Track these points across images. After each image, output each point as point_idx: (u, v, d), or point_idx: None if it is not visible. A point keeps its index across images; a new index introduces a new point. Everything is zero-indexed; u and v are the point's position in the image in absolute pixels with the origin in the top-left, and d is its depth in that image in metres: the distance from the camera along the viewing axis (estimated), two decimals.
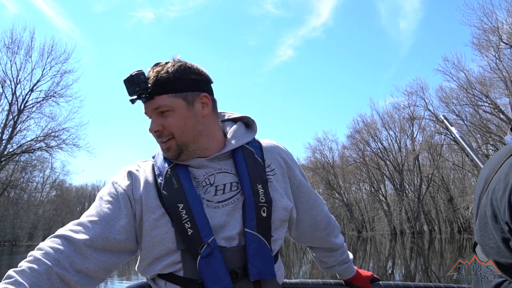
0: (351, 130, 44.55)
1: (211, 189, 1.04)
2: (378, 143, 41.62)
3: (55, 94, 27.54)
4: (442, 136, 34.55)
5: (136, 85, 1.00)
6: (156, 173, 1.06)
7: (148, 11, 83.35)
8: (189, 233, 0.96)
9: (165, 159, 1.08)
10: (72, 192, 66.12)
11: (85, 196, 66.82)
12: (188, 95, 1.04)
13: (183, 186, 1.01)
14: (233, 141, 1.10)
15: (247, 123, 1.19)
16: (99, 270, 0.95)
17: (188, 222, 0.96)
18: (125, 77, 1.01)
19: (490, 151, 28.21)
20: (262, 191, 1.04)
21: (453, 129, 1.64)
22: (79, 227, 0.96)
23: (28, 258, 0.89)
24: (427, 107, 35.77)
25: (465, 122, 32.57)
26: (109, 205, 1.00)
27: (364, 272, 1.40)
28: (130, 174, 1.07)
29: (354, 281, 1.38)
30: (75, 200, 64.76)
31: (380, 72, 73.63)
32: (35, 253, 0.90)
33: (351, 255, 1.39)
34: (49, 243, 0.92)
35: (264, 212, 1.02)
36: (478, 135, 30.14)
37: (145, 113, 1.06)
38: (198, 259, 0.95)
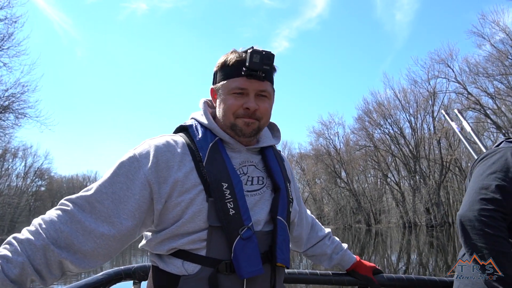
0: (360, 111, 39.52)
1: (244, 178, 1.11)
2: (393, 125, 36.32)
3: None
4: (470, 113, 29.08)
5: (268, 64, 1.08)
6: (198, 146, 1.08)
7: (141, 2, 79.40)
8: (231, 213, 1.00)
9: (206, 132, 1.11)
10: (61, 182, 63.25)
11: (76, 187, 63.04)
12: (273, 89, 1.18)
13: (227, 166, 1.06)
14: (267, 140, 1.21)
15: (272, 128, 1.29)
16: (99, 253, 0.96)
17: (231, 203, 1.01)
18: (261, 49, 1.07)
19: None
20: (289, 189, 1.18)
21: (453, 124, 1.77)
22: (86, 204, 0.97)
23: (30, 227, 0.94)
24: (456, 78, 30.17)
25: (494, 96, 27.37)
26: (121, 186, 0.99)
27: (366, 262, 1.49)
28: (157, 154, 1.04)
29: (356, 268, 1.46)
30: (63, 191, 61.17)
31: (376, 64, 70.49)
32: (38, 222, 0.94)
33: (345, 245, 1.48)
34: (53, 217, 0.95)
35: (290, 207, 1.16)
36: None
37: (244, 88, 1.09)
38: (237, 240, 0.99)
